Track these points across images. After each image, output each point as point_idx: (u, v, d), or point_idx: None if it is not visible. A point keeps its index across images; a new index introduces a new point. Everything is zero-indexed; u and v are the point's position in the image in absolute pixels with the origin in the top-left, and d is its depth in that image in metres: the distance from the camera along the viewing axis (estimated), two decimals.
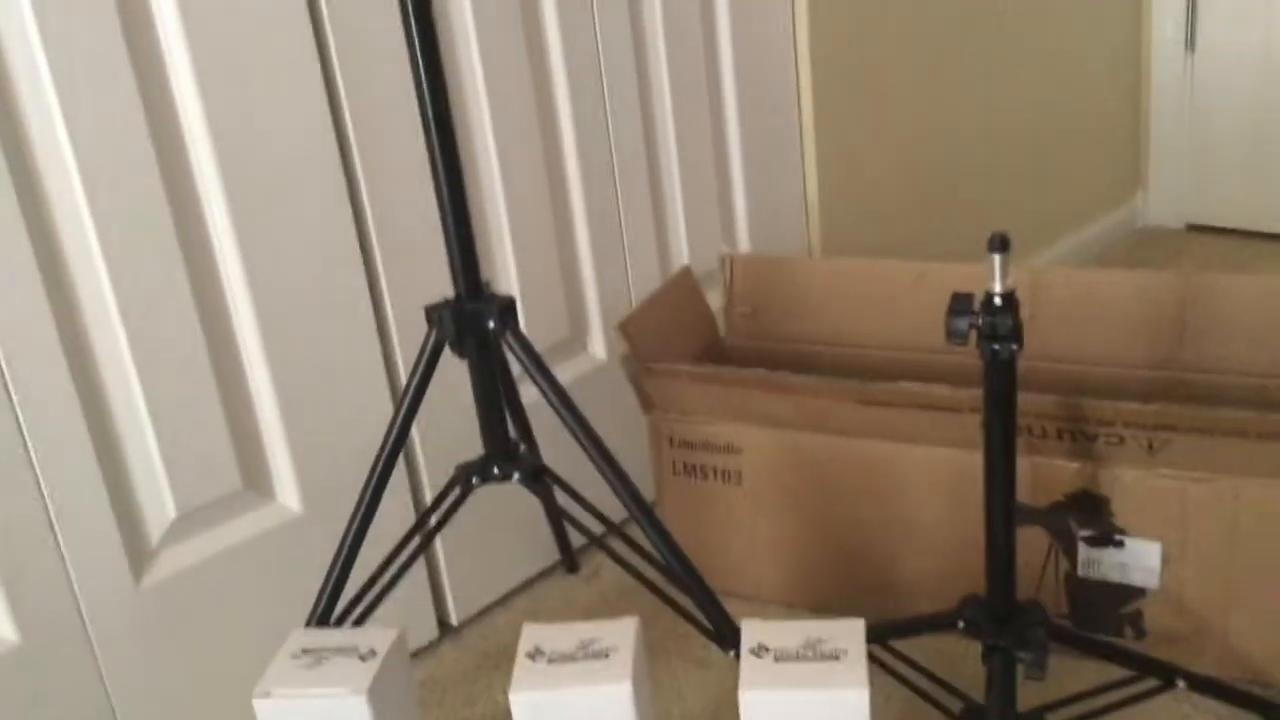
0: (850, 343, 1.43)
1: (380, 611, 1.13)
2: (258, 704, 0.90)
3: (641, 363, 1.29)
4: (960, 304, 0.94)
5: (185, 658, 1.13)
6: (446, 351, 1.07)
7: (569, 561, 1.42)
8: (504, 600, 1.41)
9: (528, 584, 1.44)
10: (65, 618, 1.05)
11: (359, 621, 1.10)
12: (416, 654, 1.32)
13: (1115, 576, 1.15)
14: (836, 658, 0.87)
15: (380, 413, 1.22)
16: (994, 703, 0.99)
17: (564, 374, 1.40)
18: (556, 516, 1.31)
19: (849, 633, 0.89)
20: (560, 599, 1.40)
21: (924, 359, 1.38)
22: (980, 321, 0.93)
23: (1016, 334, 0.93)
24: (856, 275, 1.43)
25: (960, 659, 1.16)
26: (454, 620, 1.37)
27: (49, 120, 0.98)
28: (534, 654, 0.92)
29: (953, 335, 0.93)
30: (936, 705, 1.08)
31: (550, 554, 1.44)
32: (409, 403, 1.03)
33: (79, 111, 0.99)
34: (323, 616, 1.03)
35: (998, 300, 0.92)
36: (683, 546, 1.08)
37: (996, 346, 0.93)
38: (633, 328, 1.31)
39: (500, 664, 1.30)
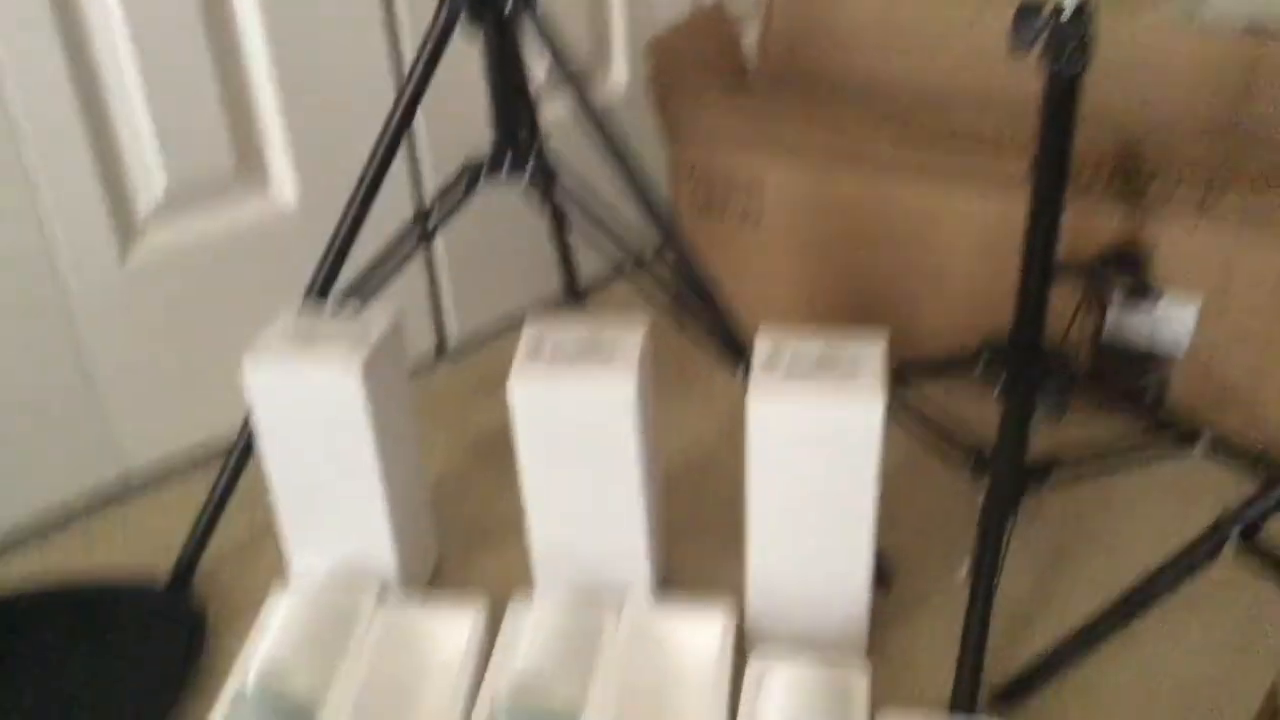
0: (894, 85, 1.34)
1: None
2: (247, 375, 0.86)
3: (668, 85, 1.21)
4: (1028, 11, 0.86)
5: (171, 340, 1.10)
6: (460, 42, 0.99)
7: (574, 293, 1.37)
8: (505, 328, 1.37)
9: (530, 313, 1.40)
10: (46, 287, 1.00)
11: None
12: (413, 372, 1.29)
13: (1144, 338, 1.10)
14: (853, 372, 0.83)
15: (385, 105, 1.15)
16: (1004, 446, 0.96)
17: None
18: (562, 237, 1.25)
19: (868, 348, 0.85)
20: None
21: (974, 106, 1.30)
22: (1047, 31, 0.85)
23: (1084, 50, 0.85)
24: (909, 8, 1.33)
25: (973, 415, 1.12)
26: (452, 342, 1.33)
27: None
28: (536, 348, 0.88)
29: (1018, 41, 0.85)
30: (945, 453, 1.05)
31: (555, 285, 1.39)
32: (415, 83, 0.95)
33: None
34: (317, 299, 0.98)
35: (1068, 11, 0.84)
36: None
37: (1061, 61, 0.86)
38: (660, 50, 1.22)
39: (497, 386, 1.25)
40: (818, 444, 0.82)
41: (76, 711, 0.87)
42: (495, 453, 1.16)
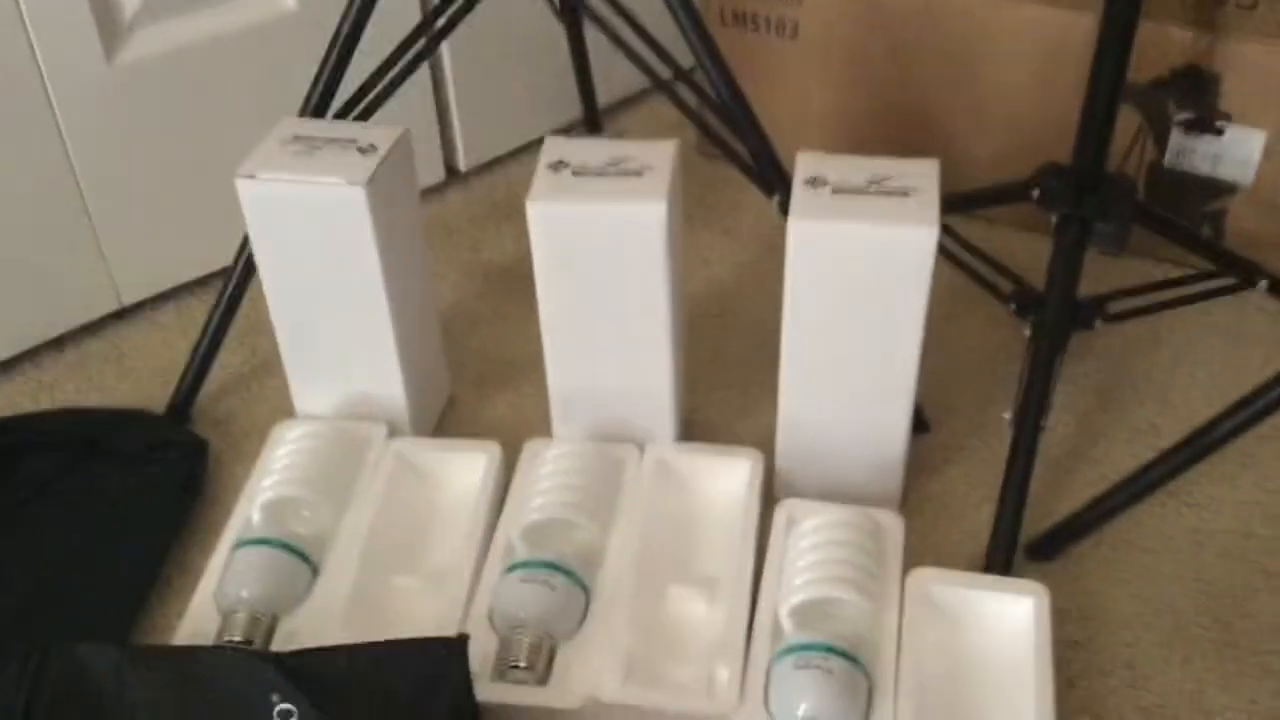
0: None
1: None
2: (241, 186, 0.79)
3: None
4: None
5: (161, 145, 1.02)
6: None
7: (591, 120, 1.28)
8: (517, 153, 1.29)
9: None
10: (27, 85, 0.93)
11: None
12: (422, 196, 1.22)
13: (1205, 169, 1.02)
14: (905, 195, 0.76)
15: None
16: (1056, 280, 0.89)
17: None
18: (581, 47, 1.16)
19: (921, 171, 0.77)
20: None
21: None
22: None
23: None
24: None
25: (1017, 254, 1.05)
26: (462, 167, 1.26)
27: None
28: (557, 165, 0.80)
29: None
30: (988, 287, 0.98)
31: (572, 110, 1.30)
32: None
33: None
34: (315, 113, 0.90)
35: None
36: None
37: None
38: None
39: (510, 214, 1.20)
40: (863, 272, 0.75)
41: (75, 538, 0.83)
42: (510, 286, 1.10)
